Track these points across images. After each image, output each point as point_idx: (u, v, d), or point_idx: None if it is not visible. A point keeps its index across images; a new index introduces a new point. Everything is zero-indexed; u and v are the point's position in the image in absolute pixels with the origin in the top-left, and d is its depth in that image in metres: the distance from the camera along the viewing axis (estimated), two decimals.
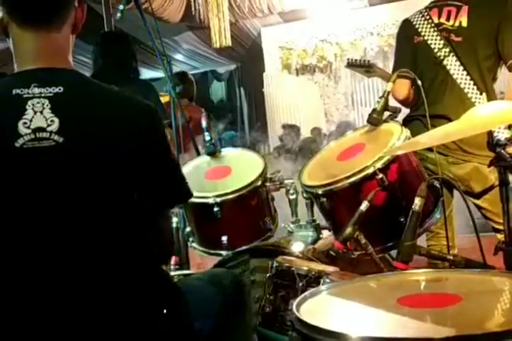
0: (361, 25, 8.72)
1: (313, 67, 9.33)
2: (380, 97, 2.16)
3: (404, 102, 2.62)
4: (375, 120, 2.16)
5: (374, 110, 2.15)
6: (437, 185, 2.04)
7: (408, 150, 1.99)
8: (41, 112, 1.32)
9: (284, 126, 8.29)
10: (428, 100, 2.24)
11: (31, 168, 1.31)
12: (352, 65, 3.10)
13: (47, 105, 1.33)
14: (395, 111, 2.20)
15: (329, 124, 9.03)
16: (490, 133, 1.81)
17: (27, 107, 1.32)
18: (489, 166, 1.79)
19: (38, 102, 1.33)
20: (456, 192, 2.56)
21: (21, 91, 1.34)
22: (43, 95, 1.34)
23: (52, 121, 1.32)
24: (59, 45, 1.42)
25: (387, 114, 2.18)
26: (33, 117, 1.32)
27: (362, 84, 8.83)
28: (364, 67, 3.07)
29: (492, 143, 1.76)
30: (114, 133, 1.37)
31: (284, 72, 9.54)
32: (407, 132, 2.05)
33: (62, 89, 1.35)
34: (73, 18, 1.45)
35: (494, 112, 1.61)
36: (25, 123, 1.31)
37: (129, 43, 3.50)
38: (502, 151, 1.72)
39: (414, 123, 2.50)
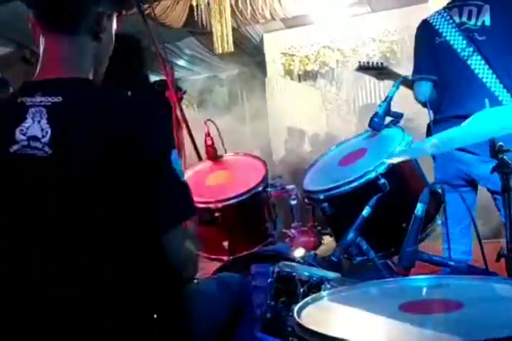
0: (363, 31, 8.72)
1: (316, 73, 9.33)
2: (383, 102, 2.15)
3: (425, 104, 2.57)
4: (376, 125, 2.15)
5: (376, 114, 2.14)
6: (439, 190, 2.03)
7: (410, 155, 1.98)
8: (39, 122, 1.32)
9: None
10: (453, 101, 2.21)
11: (21, 174, 1.32)
12: (364, 67, 3.01)
13: (44, 115, 1.33)
14: (397, 117, 2.19)
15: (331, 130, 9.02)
16: (492, 139, 1.80)
17: (27, 116, 1.33)
18: (491, 172, 1.78)
19: (37, 111, 1.33)
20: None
21: (25, 99, 1.35)
22: (42, 104, 1.34)
23: (46, 132, 1.32)
24: (69, 53, 1.40)
25: (389, 119, 2.18)
26: (30, 126, 1.32)
27: (364, 90, 8.82)
28: (377, 69, 3.00)
29: (494, 149, 1.75)
30: (105, 146, 1.29)
31: (286, 78, 9.54)
32: (408, 137, 2.05)
33: (60, 98, 1.34)
34: (94, 25, 1.40)
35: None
36: (21, 130, 1.32)
37: (133, 46, 3.46)
38: (505, 157, 1.71)
39: (444, 125, 2.41)
